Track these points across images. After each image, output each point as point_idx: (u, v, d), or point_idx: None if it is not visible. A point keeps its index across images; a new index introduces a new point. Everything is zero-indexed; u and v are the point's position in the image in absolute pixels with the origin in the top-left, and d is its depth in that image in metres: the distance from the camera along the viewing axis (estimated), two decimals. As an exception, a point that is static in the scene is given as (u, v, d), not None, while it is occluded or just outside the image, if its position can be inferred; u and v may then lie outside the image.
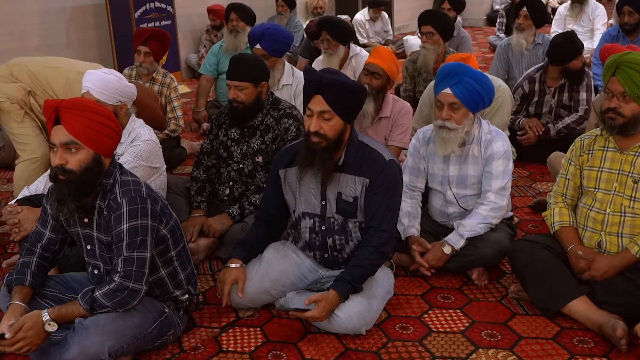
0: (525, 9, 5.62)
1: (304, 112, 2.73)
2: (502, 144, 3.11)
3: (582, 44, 4.61)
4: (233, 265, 2.85)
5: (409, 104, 4.04)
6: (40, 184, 3.35)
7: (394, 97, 4.02)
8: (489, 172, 3.11)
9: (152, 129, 3.41)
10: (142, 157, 3.24)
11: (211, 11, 7.79)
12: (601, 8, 7.83)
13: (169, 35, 5.10)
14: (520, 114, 4.74)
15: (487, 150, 3.11)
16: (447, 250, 3.07)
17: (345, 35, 5.22)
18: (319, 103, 2.64)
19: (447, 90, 3.03)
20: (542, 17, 5.72)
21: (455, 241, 3.07)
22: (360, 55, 5.30)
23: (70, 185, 2.36)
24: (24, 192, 3.32)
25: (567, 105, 4.68)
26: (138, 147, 3.24)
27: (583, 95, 4.59)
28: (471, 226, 3.06)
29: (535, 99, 4.72)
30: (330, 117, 2.64)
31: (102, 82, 3.12)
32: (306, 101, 2.70)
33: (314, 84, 2.65)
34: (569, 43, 4.53)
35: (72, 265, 2.89)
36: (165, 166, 3.50)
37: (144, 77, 4.95)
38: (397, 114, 3.92)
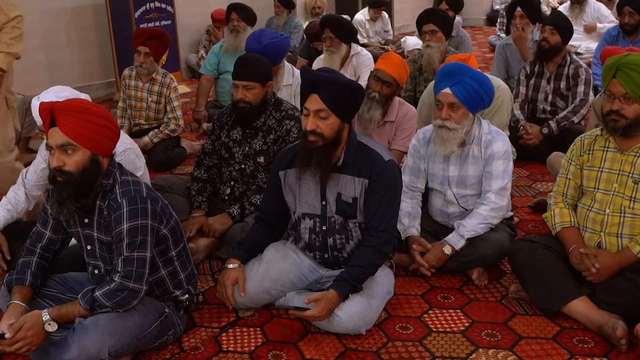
0: (519, 8, 5.62)
1: (302, 111, 2.73)
2: (502, 144, 3.11)
3: (571, 26, 4.89)
4: (231, 265, 2.86)
5: (414, 109, 4.02)
6: (18, 196, 3.29)
7: (400, 100, 3.98)
8: (489, 172, 3.10)
9: (126, 134, 3.31)
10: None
11: (217, 20, 7.77)
12: (604, 8, 7.84)
13: (169, 35, 5.09)
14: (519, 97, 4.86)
15: (487, 150, 3.11)
16: (447, 250, 3.07)
17: (348, 33, 5.22)
18: (315, 102, 2.64)
19: (447, 90, 3.03)
20: (537, 12, 5.72)
21: (455, 241, 3.07)
22: (361, 55, 5.30)
23: (69, 186, 2.36)
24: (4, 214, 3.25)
25: (564, 95, 4.74)
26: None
27: (581, 88, 4.69)
28: (471, 226, 3.06)
29: (533, 80, 4.86)
30: (327, 116, 2.64)
31: None
32: (303, 100, 2.70)
33: (310, 83, 2.65)
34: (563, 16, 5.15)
35: (65, 264, 2.83)
36: (144, 161, 3.36)
37: (143, 77, 4.94)
38: (402, 118, 3.90)
